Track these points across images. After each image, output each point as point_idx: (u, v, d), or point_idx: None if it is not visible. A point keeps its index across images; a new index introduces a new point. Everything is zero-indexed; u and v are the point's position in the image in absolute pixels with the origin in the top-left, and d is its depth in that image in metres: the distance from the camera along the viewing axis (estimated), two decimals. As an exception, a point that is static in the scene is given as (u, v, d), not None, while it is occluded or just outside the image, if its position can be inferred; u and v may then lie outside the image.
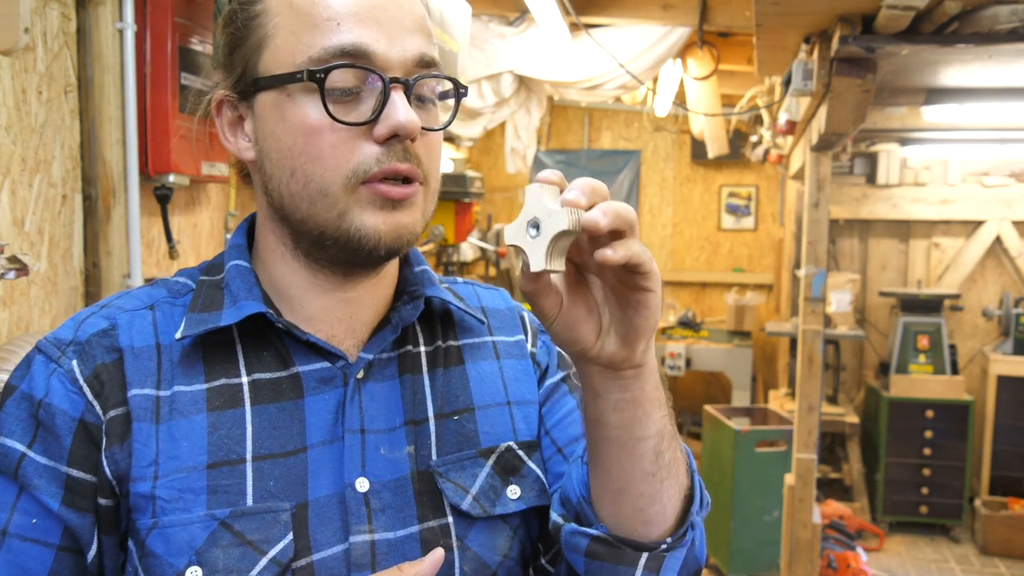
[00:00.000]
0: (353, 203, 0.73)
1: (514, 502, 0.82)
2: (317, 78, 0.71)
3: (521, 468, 0.84)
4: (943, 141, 4.33)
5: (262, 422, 0.75)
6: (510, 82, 3.94)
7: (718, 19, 3.43)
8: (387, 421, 0.79)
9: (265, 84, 0.75)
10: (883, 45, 2.23)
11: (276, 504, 0.72)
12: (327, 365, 0.78)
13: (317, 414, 0.77)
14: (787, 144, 4.63)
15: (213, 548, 0.70)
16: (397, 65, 0.74)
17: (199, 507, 0.71)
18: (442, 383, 0.84)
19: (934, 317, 4.96)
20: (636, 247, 0.63)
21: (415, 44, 0.75)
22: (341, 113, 0.72)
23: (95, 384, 0.73)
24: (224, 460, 0.73)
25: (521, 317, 0.95)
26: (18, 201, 1.63)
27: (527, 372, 0.90)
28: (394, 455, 0.78)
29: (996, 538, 4.63)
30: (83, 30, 1.80)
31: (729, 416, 4.36)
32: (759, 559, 4.09)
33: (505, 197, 7.36)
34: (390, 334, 0.82)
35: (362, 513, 0.75)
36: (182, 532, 0.70)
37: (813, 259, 3.19)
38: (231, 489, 0.72)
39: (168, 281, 0.83)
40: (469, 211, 3.46)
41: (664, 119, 6.39)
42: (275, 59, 0.74)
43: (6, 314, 1.61)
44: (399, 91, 0.73)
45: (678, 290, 6.98)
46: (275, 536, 0.71)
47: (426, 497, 0.78)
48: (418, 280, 0.86)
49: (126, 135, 1.86)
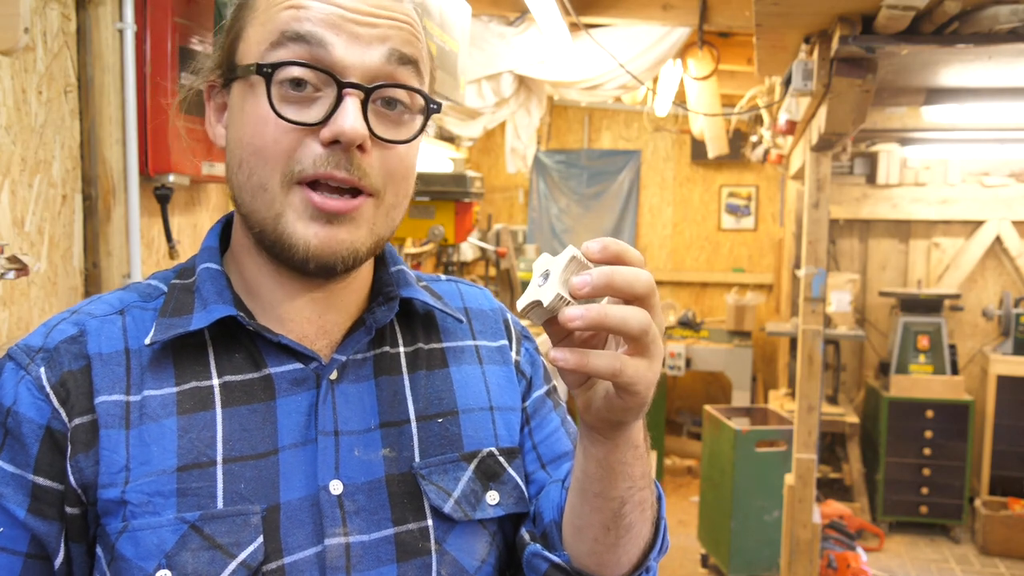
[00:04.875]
0: (288, 206, 0.72)
1: (493, 508, 0.82)
2: (264, 72, 0.71)
3: (501, 475, 0.83)
4: (943, 141, 4.33)
5: (233, 424, 0.74)
6: (510, 82, 3.94)
7: (718, 19, 3.43)
8: (361, 422, 0.78)
9: (235, 73, 0.75)
10: (883, 45, 2.23)
11: (246, 507, 0.71)
12: (299, 366, 0.77)
13: (289, 416, 0.76)
14: (787, 144, 4.63)
15: (183, 551, 0.69)
16: (358, 67, 0.71)
17: (169, 510, 0.70)
18: (424, 385, 0.83)
19: (934, 317, 4.96)
20: (624, 363, 0.62)
21: (382, 47, 0.72)
22: (289, 110, 0.71)
23: (61, 392, 0.72)
24: (194, 463, 0.72)
25: (505, 321, 0.94)
26: (18, 201, 1.63)
27: (510, 379, 0.89)
28: (368, 457, 0.77)
29: (996, 538, 4.63)
30: (83, 30, 1.80)
31: (729, 416, 4.36)
32: (759, 559, 4.09)
33: (505, 197, 7.36)
34: (364, 335, 0.81)
35: (336, 515, 0.74)
36: (151, 535, 0.69)
37: (813, 259, 3.19)
38: (201, 492, 0.71)
39: (140, 285, 0.82)
40: (469, 211, 3.46)
41: (664, 119, 6.39)
42: (247, 48, 0.75)
43: (6, 314, 1.61)
44: (354, 97, 0.71)
45: (678, 290, 6.98)
46: (245, 539, 0.70)
47: (406, 499, 0.77)
48: (393, 280, 0.85)
49: (126, 135, 1.86)
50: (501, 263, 4.64)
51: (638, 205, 7.07)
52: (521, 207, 7.38)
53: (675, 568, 4.42)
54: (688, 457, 5.99)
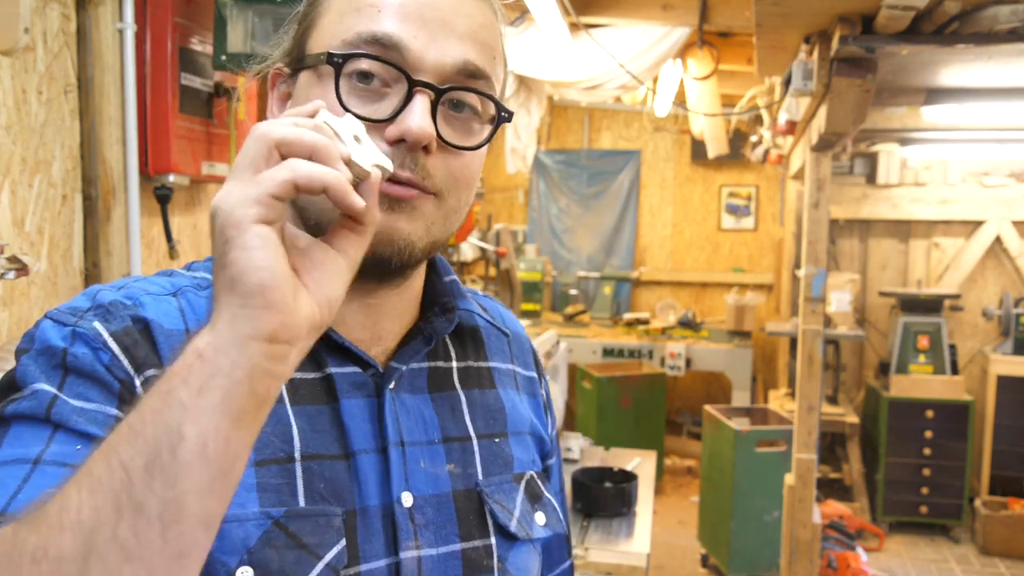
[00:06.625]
0: None
1: (542, 528, 0.83)
2: (335, 62, 0.69)
3: (542, 496, 0.85)
4: (943, 141, 4.33)
5: (303, 422, 0.71)
6: (510, 82, 3.93)
7: (718, 19, 3.43)
8: (424, 435, 0.77)
9: (304, 62, 0.73)
10: (883, 45, 2.23)
11: (328, 508, 0.69)
12: (358, 370, 0.75)
13: (354, 419, 0.73)
14: (787, 144, 4.64)
15: (266, 548, 0.65)
16: (432, 68, 0.69)
17: (252, 504, 0.66)
18: (480, 403, 0.83)
19: (934, 317, 4.96)
20: None
21: (459, 51, 0.70)
22: (356, 103, 0.69)
23: (125, 340, 0.65)
24: (272, 458, 0.68)
25: (533, 352, 0.96)
26: (18, 201, 1.63)
27: (538, 409, 0.91)
28: (435, 470, 0.76)
29: (996, 538, 4.63)
30: (83, 30, 1.80)
31: (729, 416, 4.36)
32: (759, 559, 4.09)
33: (505, 197, 7.36)
34: (422, 345, 0.79)
35: (409, 528, 0.73)
36: (237, 529, 0.65)
37: (813, 259, 3.19)
38: (282, 489, 0.68)
39: (185, 273, 0.77)
40: (469, 211, 3.47)
41: (664, 119, 6.39)
42: (319, 39, 0.72)
43: (6, 314, 1.61)
44: (424, 95, 0.68)
45: (678, 290, 6.98)
46: (329, 541, 0.68)
47: (472, 516, 0.77)
48: (449, 291, 0.83)
49: (126, 135, 1.86)
50: (501, 263, 4.65)
51: (638, 205, 7.07)
52: (521, 207, 7.38)
53: (675, 568, 4.42)
54: (688, 457, 5.99)
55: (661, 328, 5.92)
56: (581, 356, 5.58)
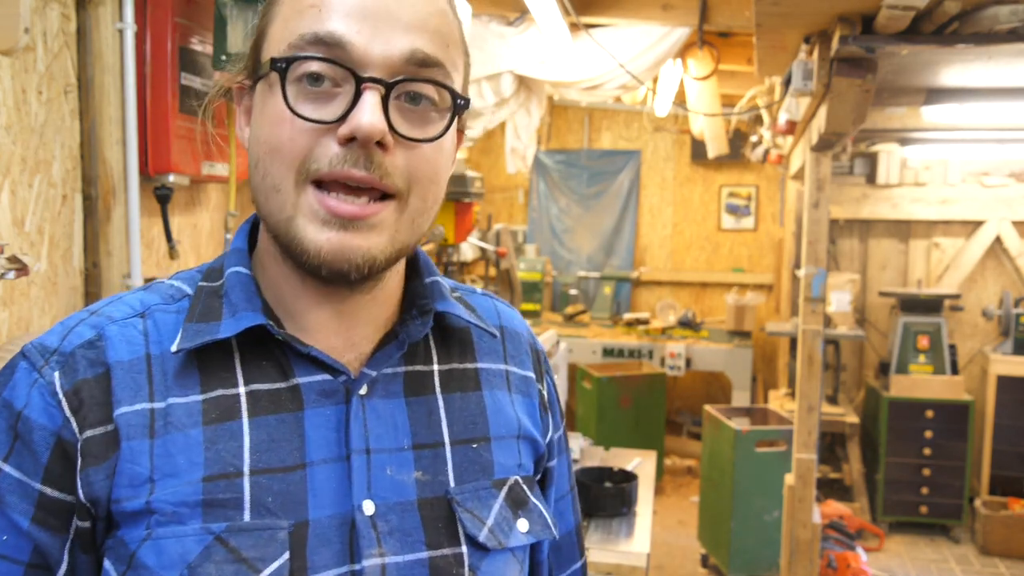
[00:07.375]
0: (300, 209, 0.69)
1: (524, 535, 0.81)
2: (278, 67, 0.68)
3: (527, 502, 0.83)
4: (943, 141, 4.33)
5: (259, 434, 0.71)
6: (510, 82, 3.94)
7: (718, 19, 3.43)
8: (393, 441, 0.76)
9: (258, 72, 0.73)
10: (883, 45, 2.23)
11: (274, 521, 0.69)
12: (328, 378, 0.75)
13: (317, 429, 0.73)
14: (787, 144, 4.64)
15: (206, 563, 0.67)
16: (379, 62, 0.68)
17: (195, 520, 0.68)
18: (460, 407, 0.81)
19: (934, 317, 4.96)
20: None
21: (405, 41, 0.69)
22: (307, 107, 0.68)
23: (74, 401, 0.69)
24: (221, 473, 0.69)
25: (533, 349, 0.93)
26: (18, 201, 1.63)
27: (532, 411, 0.88)
28: (401, 477, 0.75)
29: (996, 538, 4.64)
30: (83, 30, 1.80)
31: (729, 416, 4.36)
32: (759, 559, 4.09)
33: (505, 197, 7.37)
34: (395, 350, 0.78)
35: (371, 536, 0.72)
36: (176, 544, 0.67)
37: (813, 259, 3.19)
38: (228, 503, 0.69)
39: (163, 285, 0.79)
40: (469, 211, 3.46)
41: (664, 119, 6.39)
42: (268, 47, 0.72)
43: (6, 314, 1.61)
44: (373, 91, 0.67)
45: (678, 290, 6.99)
46: (271, 554, 0.68)
47: (440, 524, 0.75)
48: (428, 293, 0.81)
49: (126, 135, 1.86)
50: (501, 263, 4.64)
51: (638, 205, 7.07)
52: (521, 207, 7.38)
53: (675, 568, 4.42)
54: (688, 457, 5.99)
55: (661, 328, 5.93)
56: (581, 356, 5.58)
